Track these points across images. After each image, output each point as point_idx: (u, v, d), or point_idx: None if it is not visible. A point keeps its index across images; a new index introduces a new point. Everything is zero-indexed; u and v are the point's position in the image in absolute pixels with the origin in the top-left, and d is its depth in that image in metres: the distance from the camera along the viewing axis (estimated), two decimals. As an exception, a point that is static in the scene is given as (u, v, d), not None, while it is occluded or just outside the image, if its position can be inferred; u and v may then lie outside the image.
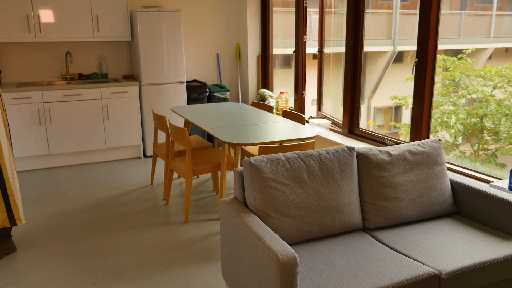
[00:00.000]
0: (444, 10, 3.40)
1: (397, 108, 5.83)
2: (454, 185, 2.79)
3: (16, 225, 3.17)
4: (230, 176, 4.85)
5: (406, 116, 5.63)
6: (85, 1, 5.17)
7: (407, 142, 3.47)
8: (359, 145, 4.13)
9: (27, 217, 3.84)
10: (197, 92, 5.70)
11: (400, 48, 5.63)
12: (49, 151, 5.11)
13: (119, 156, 5.55)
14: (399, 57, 5.74)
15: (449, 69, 4.47)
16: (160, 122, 4.15)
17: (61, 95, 5.03)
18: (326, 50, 5.05)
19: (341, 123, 4.58)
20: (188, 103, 5.71)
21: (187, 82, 5.95)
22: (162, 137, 5.55)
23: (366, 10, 4.26)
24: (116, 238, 3.45)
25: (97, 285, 2.80)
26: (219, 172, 4.59)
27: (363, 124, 4.52)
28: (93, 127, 5.24)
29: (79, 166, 5.27)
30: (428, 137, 3.54)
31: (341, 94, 4.90)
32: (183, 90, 5.61)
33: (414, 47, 3.51)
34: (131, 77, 5.73)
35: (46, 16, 5.06)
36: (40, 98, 4.94)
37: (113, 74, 5.80)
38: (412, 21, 4.95)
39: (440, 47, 3.43)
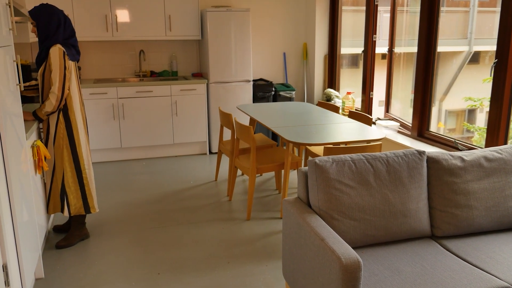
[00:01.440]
0: (528, 8, 3.17)
1: (471, 111, 5.53)
2: (535, 195, 2.60)
3: (90, 213, 3.37)
4: (293, 175, 4.84)
5: (481, 120, 5.32)
6: (159, 2, 5.38)
7: (482, 148, 3.28)
8: (429, 149, 3.96)
9: (100, 206, 4.06)
10: (263, 90, 5.74)
11: (476, 48, 5.33)
12: (121, 145, 5.37)
13: (186, 151, 5.72)
14: (475, 58, 5.43)
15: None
16: (226, 119, 4.22)
17: (134, 91, 5.26)
18: (397, 50, 4.90)
19: (410, 125, 4.42)
20: (253, 102, 5.76)
21: (253, 80, 6.01)
22: (227, 134, 5.65)
23: (441, 8, 4.08)
24: (181, 230, 3.56)
25: (161, 275, 2.91)
26: (283, 171, 4.60)
27: (433, 127, 4.33)
28: (162, 123, 5.44)
29: (148, 160, 5.50)
30: (506, 143, 3.33)
31: (410, 96, 4.72)
32: (249, 89, 5.67)
33: (492, 47, 3.31)
34: (200, 75, 5.88)
35: (123, 16, 5.32)
36: (115, 94, 5.20)
37: (183, 72, 5.99)
38: (491, 20, 4.66)
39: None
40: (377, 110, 5.44)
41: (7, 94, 2.40)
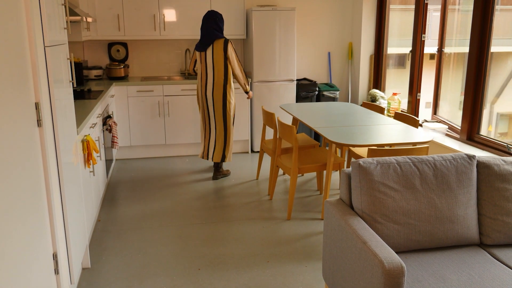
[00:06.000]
0: None
1: (526, 115, 5.26)
2: None
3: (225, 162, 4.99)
4: (334, 176, 4.79)
5: (536, 124, 5.05)
6: (205, 1, 5.45)
7: (537, 153, 3.13)
8: (479, 153, 3.81)
9: (143, 200, 4.17)
10: (307, 90, 5.70)
11: (533, 48, 5.07)
12: (166, 141, 5.49)
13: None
14: (531, 59, 5.16)
15: None
16: (269, 118, 4.23)
17: (179, 89, 5.36)
18: (447, 49, 4.74)
19: (459, 128, 4.27)
20: (297, 101, 5.74)
21: (297, 80, 5.98)
22: (270, 133, 5.65)
23: (496, 7, 3.91)
24: (222, 227, 3.60)
25: (202, 271, 2.95)
26: (324, 171, 4.56)
27: (484, 130, 4.16)
28: (206, 121, 5.52)
29: (191, 157, 5.59)
30: None
31: (460, 98, 4.56)
32: (292, 88, 5.65)
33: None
34: (244, 74, 5.90)
35: (170, 15, 5.43)
36: (160, 92, 5.32)
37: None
38: (550, 19, 4.42)
39: None
40: (424, 112, 5.28)
41: (61, 90, 2.50)
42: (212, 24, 4.38)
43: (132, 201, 4.16)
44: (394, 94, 5.34)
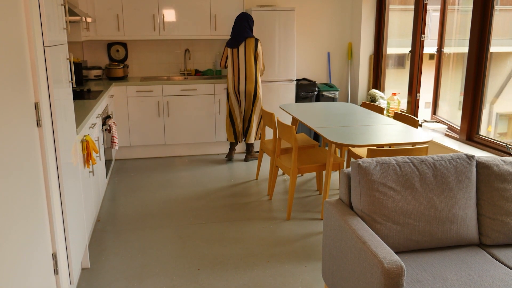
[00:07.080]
0: None
1: (525, 115, 5.26)
2: None
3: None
4: (334, 176, 4.79)
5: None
6: (204, 1, 5.45)
7: (536, 154, 3.13)
8: (479, 153, 3.81)
9: (143, 201, 4.17)
10: (306, 90, 5.70)
11: (532, 48, 5.07)
12: (165, 142, 5.49)
13: (227, 150, 5.76)
14: (530, 59, 5.16)
15: None
16: (268, 118, 4.23)
17: (179, 89, 5.36)
18: (446, 50, 4.74)
19: (459, 128, 4.27)
20: (296, 101, 5.74)
21: (296, 80, 5.98)
22: (269, 133, 5.65)
23: (495, 7, 3.91)
24: (221, 228, 3.60)
25: (201, 271, 2.95)
26: (324, 172, 4.56)
27: (483, 130, 4.16)
28: (205, 121, 5.52)
29: (191, 157, 5.59)
30: (563, 149, 3.15)
31: (459, 98, 4.56)
32: (292, 88, 5.65)
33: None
34: (243, 74, 5.90)
35: (170, 15, 5.43)
36: (160, 92, 5.32)
37: (226, 71, 6.04)
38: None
39: None
40: (423, 112, 5.29)
41: (61, 91, 2.50)
42: (245, 24, 4.97)
43: (132, 201, 4.17)
44: (394, 94, 5.34)
